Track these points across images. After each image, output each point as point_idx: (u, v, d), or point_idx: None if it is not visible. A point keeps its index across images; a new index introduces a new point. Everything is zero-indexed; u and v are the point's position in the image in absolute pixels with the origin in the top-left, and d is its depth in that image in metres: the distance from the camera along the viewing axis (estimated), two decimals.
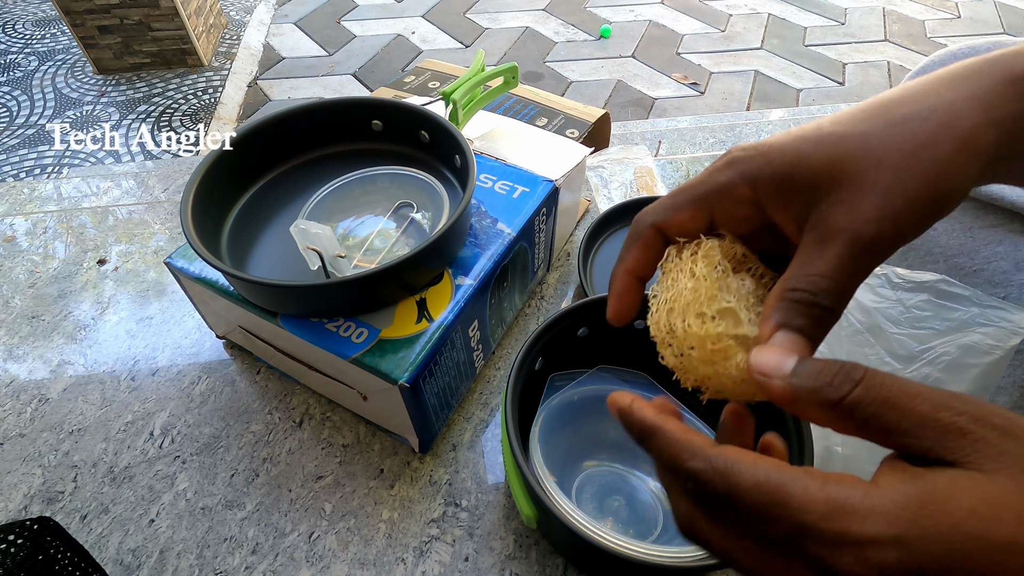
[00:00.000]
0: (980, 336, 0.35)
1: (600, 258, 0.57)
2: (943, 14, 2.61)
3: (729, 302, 0.23)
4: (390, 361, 0.36)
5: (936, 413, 0.16)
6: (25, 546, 0.32)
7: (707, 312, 0.23)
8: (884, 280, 0.39)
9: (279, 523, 0.41)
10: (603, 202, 0.65)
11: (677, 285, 0.24)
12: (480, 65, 0.51)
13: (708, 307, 0.23)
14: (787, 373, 0.19)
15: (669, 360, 0.24)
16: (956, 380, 0.36)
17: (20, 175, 1.77)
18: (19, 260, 0.60)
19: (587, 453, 0.41)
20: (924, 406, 0.17)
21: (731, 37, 2.44)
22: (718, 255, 0.24)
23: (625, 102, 2.09)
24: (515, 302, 0.51)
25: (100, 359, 0.51)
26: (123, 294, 0.56)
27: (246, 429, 0.46)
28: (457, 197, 0.45)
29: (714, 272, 0.23)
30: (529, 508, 0.33)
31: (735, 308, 0.23)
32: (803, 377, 0.19)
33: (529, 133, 0.54)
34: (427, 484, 0.43)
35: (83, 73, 2.19)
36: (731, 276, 0.23)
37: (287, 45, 2.42)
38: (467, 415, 0.47)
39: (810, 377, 0.18)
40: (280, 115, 0.46)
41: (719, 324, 0.22)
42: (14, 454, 0.45)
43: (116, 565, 0.39)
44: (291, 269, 0.41)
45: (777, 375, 0.19)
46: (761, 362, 0.20)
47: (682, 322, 0.23)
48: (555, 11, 2.62)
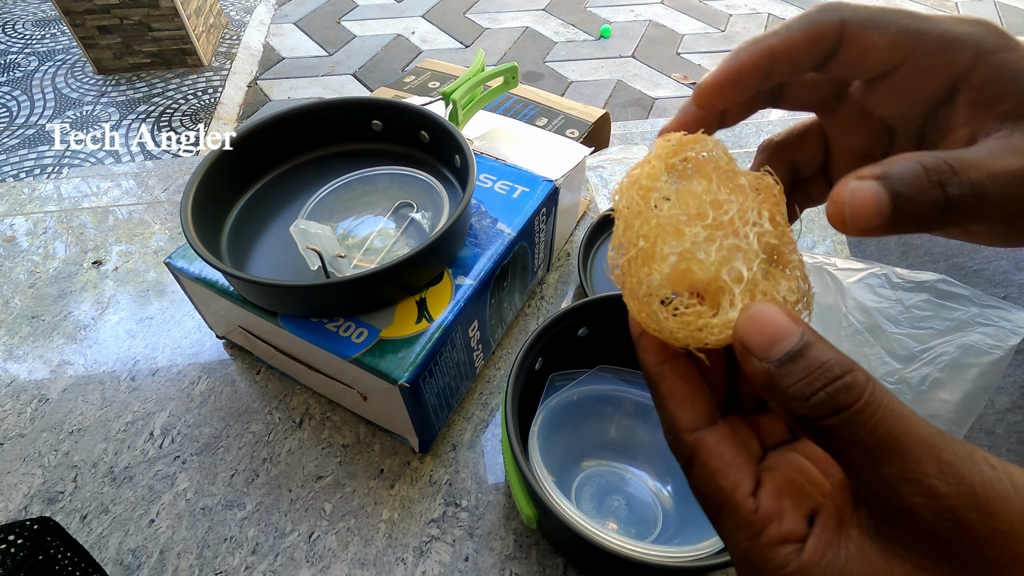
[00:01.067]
0: (980, 336, 0.35)
1: (600, 258, 0.57)
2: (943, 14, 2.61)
3: (678, 247, 0.18)
4: (390, 361, 0.36)
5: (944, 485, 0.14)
6: (25, 546, 0.32)
7: (655, 266, 0.18)
8: (884, 280, 0.40)
9: (279, 523, 0.41)
10: (603, 202, 0.65)
11: (625, 212, 0.20)
12: (480, 65, 0.51)
13: (655, 257, 0.18)
14: (771, 356, 0.16)
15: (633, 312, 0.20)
16: (956, 380, 0.36)
17: (20, 175, 1.77)
18: (19, 260, 0.60)
19: (587, 453, 0.41)
20: (936, 466, 0.14)
21: (731, 37, 2.44)
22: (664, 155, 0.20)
23: (625, 102, 2.09)
24: (515, 302, 0.51)
25: (100, 359, 0.51)
26: (123, 294, 0.56)
27: (246, 429, 0.46)
28: (457, 197, 0.45)
29: (655, 184, 0.19)
30: (529, 508, 0.33)
31: (692, 250, 0.18)
32: (899, 178, 0.15)
33: (529, 133, 0.54)
34: (427, 484, 0.43)
35: (83, 73, 2.19)
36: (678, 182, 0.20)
37: (287, 45, 2.42)
38: (467, 415, 0.47)
39: (793, 378, 0.15)
40: (280, 115, 0.46)
41: (663, 286, 0.18)
42: (14, 454, 0.45)
43: (116, 565, 0.39)
44: (291, 269, 0.41)
45: (760, 354, 0.16)
46: (748, 330, 0.16)
47: (628, 276, 0.19)
48: (555, 11, 2.62)
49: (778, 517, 0.16)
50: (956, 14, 0.19)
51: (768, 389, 0.16)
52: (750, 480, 0.17)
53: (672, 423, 0.19)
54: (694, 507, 0.37)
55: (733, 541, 0.17)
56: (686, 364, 0.19)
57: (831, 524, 0.16)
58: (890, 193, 0.16)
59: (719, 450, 0.18)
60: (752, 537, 0.16)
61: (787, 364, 0.15)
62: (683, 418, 0.18)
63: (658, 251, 0.19)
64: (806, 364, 0.15)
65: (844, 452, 0.15)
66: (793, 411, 0.15)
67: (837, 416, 0.14)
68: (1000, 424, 0.36)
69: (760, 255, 0.19)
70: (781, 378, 0.15)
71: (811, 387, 0.15)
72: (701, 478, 0.18)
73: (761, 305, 0.16)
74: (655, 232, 0.19)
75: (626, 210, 0.20)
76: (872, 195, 0.16)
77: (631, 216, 0.19)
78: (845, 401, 0.14)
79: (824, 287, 0.42)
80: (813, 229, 0.64)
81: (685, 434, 0.18)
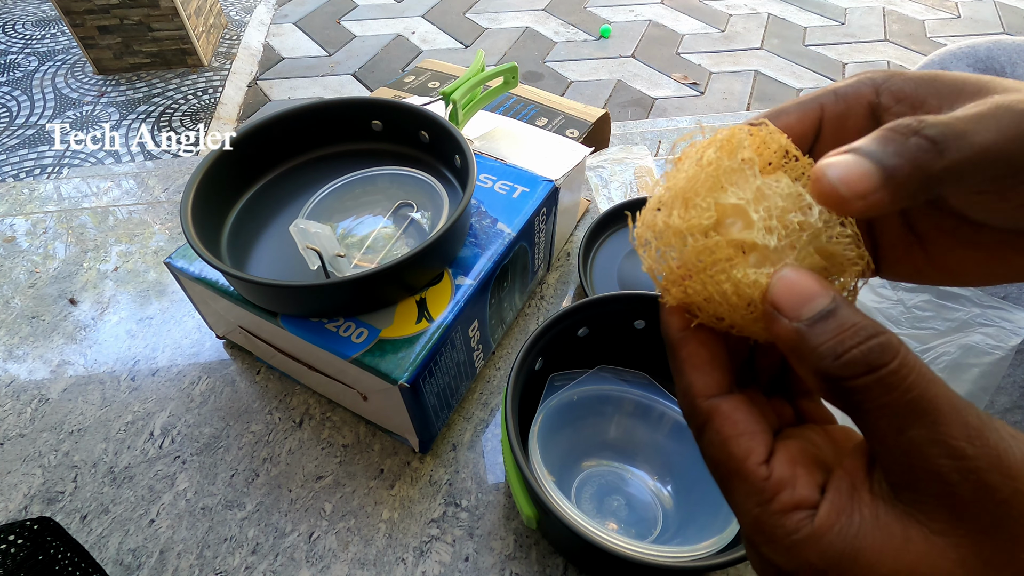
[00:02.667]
0: (981, 336, 0.35)
1: (600, 258, 0.57)
2: (943, 14, 2.60)
3: (740, 198, 0.17)
4: (390, 361, 0.36)
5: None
6: (25, 546, 0.32)
7: (700, 203, 0.17)
8: (885, 280, 0.39)
9: (279, 523, 0.41)
10: (603, 202, 0.65)
11: (677, 175, 0.18)
12: (480, 65, 0.51)
13: (704, 197, 0.17)
14: (802, 316, 0.15)
15: (646, 263, 0.19)
16: (957, 380, 0.36)
17: (20, 175, 1.77)
18: (19, 260, 0.60)
19: (587, 453, 0.41)
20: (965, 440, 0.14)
21: (731, 37, 2.44)
22: (743, 141, 0.18)
23: (625, 102, 2.09)
24: (515, 302, 0.51)
25: (100, 359, 0.51)
26: (123, 294, 0.56)
27: (246, 429, 0.46)
28: (457, 197, 0.45)
29: (728, 161, 0.18)
30: (529, 508, 0.33)
31: (744, 206, 0.17)
32: (817, 332, 0.15)
33: (529, 133, 0.54)
34: (427, 484, 0.43)
35: (83, 73, 2.19)
36: (755, 170, 0.18)
37: (287, 45, 2.42)
38: (467, 415, 0.47)
39: (825, 336, 0.15)
40: (280, 115, 0.46)
41: (711, 216, 0.17)
42: (14, 454, 0.45)
43: (116, 565, 0.39)
44: (291, 269, 0.41)
45: (791, 313, 0.16)
46: (779, 290, 0.16)
47: (667, 216, 0.18)
48: (555, 11, 2.62)
49: (791, 484, 0.16)
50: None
51: (796, 351, 0.16)
52: (763, 448, 0.17)
53: (688, 388, 0.18)
54: (694, 507, 0.37)
55: (743, 509, 0.17)
56: (708, 332, 0.19)
57: (844, 490, 0.16)
58: (880, 164, 0.15)
59: (734, 417, 0.17)
60: (762, 504, 0.16)
61: (819, 323, 0.15)
62: (699, 384, 0.18)
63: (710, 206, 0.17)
64: (839, 323, 0.15)
65: (872, 413, 0.15)
66: (823, 371, 0.15)
67: (871, 375, 0.14)
68: None
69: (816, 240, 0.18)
70: (812, 337, 0.15)
71: (843, 345, 0.15)
72: (713, 444, 0.17)
73: (790, 268, 0.16)
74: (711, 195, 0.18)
75: (684, 180, 0.18)
76: (855, 167, 0.16)
77: (689, 186, 0.18)
78: (880, 360, 0.14)
79: None
80: None
81: (700, 400, 0.18)
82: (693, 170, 0.18)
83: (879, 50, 2.36)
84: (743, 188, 0.18)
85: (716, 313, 0.18)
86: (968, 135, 0.15)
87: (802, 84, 2.16)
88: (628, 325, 0.41)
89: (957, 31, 2.51)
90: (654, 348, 0.42)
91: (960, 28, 2.53)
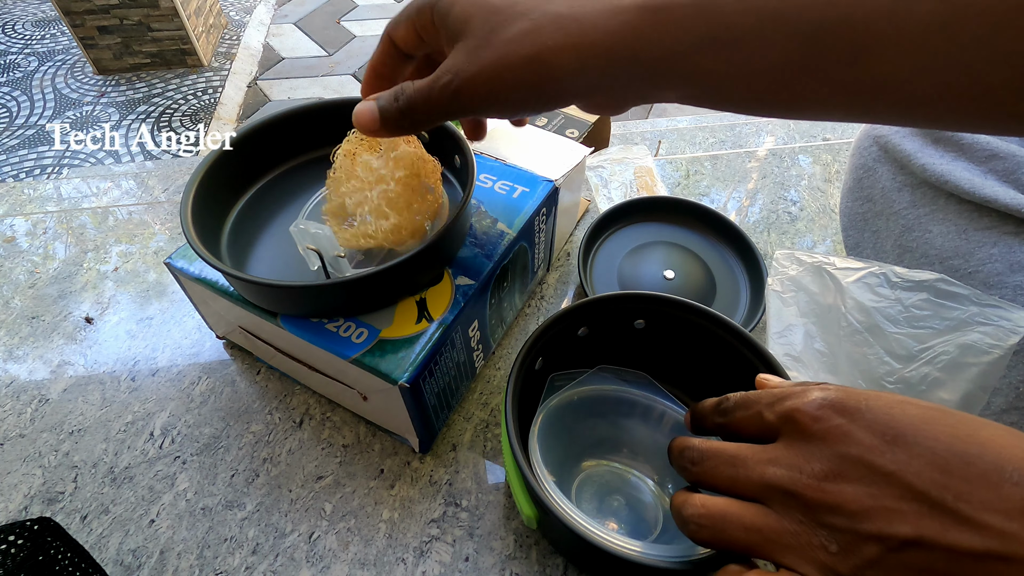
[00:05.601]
0: (979, 335, 0.35)
1: (600, 258, 0.57)
2: None
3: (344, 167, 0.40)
4: (390, 361, 0.36)
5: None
6: (25, 546, 0.32)
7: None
8: (883, 279, 0.40)
9: (279, 523, 0.41)
10: (603, 202, 0.65)
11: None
12: None
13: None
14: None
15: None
16: (955, 379, 0.36)
17: (20, 175, 1.77)
18: (19, 260, 0.60)
19: (586, 453, 0.41)
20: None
21: None
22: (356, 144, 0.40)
23: None
24: (515, 302, 0.51)
25: (100, 359, 0.51)
26: (123, 294, 0.56)
27: (246, 429, 0.46)
28: (457, 197, 0.45)
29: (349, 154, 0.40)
30: (529, 508, 0.33)
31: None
32: (382, 100, 0.28)
33: (529, 133, 0.55)
34: (427, 484, 0.43)
35: (83, 73, 2.19)
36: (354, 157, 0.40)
37: (287, 45, 2.42)
38: (467, 415, 0.47)
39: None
40: (280, 115, 0.46)
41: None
42: (14, 454, 0.45)
43: (116, 565, 0.39)
44: (291, 269, 0.41)
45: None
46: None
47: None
48: None
49: None
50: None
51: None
52: None
53: None
54: None
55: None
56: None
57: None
58: (378, 108, 0.29)
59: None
60: None
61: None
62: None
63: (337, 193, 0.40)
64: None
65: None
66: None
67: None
68: None
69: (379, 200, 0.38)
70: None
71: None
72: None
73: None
74: (337, 184, 0.40)
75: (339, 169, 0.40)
76: (368, 110, 0.29)
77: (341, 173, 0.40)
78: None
79: (823, 287, 0.42)
80: (813, 229, 0.64)
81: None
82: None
83: None
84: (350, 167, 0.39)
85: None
86: (417, 107, 0.28)
87: None
88: (628, 325, 0.42)
89: None
90: (654, 348, 0.42)
91: None
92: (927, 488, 0.19)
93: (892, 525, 0.19)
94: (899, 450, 0.20)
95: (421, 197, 0.39)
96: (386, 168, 0.38)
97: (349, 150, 0.40)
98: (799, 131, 1.05)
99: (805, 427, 0.22)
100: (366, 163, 0.39)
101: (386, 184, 0.37)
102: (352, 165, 0.39)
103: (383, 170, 0.38)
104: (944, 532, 0.18)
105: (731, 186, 0.71)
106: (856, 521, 0.20)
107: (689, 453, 0.26)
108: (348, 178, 0.39)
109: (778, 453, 0.23)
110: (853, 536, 0.20)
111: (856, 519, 0.20)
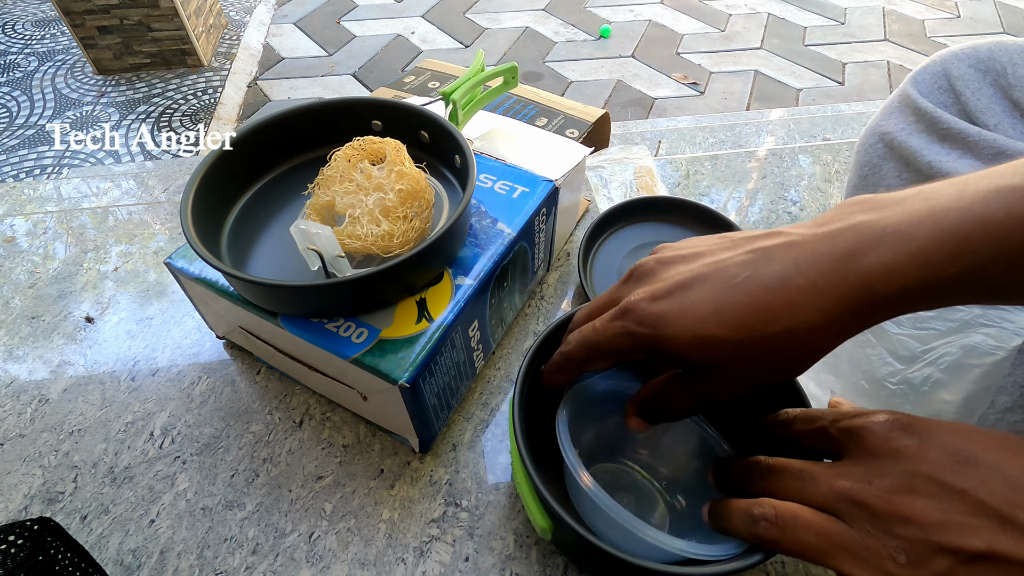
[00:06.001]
0: (982, 336, 0.35)
1: (600, 258, 0.57)
2: (943, 14, 2.60)
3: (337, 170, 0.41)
4: (390, 361, 0.36)
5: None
6: (25, 547, 0.32)
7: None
8: None
9: (279, 523, 0.41)
10: (603, 202, 0.65)
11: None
12: (480, 65, 0.51)
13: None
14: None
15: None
16: (958, 381, 0.36)
17: (20, 175, 1.76)
18: (19, 260, 0.60)
19: (600, 452, 0.40)
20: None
21: (731, 37, 2.44)
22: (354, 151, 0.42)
23: (625, 102, 2.09)
24: (515, 302, 0.51)
25: (100, 359, 0.51)
26: (123, 294, 0.56)
27: (246, 429, 0.46)
28: (457, 197, 0.45)
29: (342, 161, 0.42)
30: (543, 520, 0.32)
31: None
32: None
33: (529, 133, 0.54)
34: (427, 484, 0.43)
35: (83, 73, 2.19)
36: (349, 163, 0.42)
37: (287, 45, 2.42)
38: (467, 415, 0.47)
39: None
40: (280, 115, 0.46)
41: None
42: (14, 454, 0.45)
43: (116, 565, 0.39)
44: (291, 269, 0.41)
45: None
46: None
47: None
48: (555, 11, 2.62)
49: None
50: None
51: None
52: None
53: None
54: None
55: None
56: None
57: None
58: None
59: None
60: None
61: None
62: None
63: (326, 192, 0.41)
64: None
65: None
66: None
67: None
68: (1000, 424, 0.36)
69: (374, 208, 0.38)
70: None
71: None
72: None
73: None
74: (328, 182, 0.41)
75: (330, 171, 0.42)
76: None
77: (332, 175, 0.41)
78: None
79: None
80: None
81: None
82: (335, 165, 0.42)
83: (879, 50, 2.36)
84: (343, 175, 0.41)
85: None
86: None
87: (802, 84, 2.16)
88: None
89: (957, 31, 2.50)
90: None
91: (960, 28, 2.52)
92: (999, 505, 0.19)
93: (964, 538, 0.19)
94: (971, 470, 0.20)
95: (414, 214, 0.40)
96: (387, 179, 0.39)
97: (350, 155, 0.41)
98: (799, 131, 1.05)
99: (875, 445, 0.23)
100: (367, 169, 0.40)
101: (384, 193, 0.39)
102: (350, 168, 0.41)
103: (384, 180, 0.39)
104: (1017, 547, 0.19)
105: (731, 186, 0.71)
106: (928, 533, 0.20)
107: (756, 467, 0.27)
108: (343, 179, 0.41)
109: (847, 468, 0.23)
110: (924, 547, 0.20)
111: (928, 531, 0.20)
